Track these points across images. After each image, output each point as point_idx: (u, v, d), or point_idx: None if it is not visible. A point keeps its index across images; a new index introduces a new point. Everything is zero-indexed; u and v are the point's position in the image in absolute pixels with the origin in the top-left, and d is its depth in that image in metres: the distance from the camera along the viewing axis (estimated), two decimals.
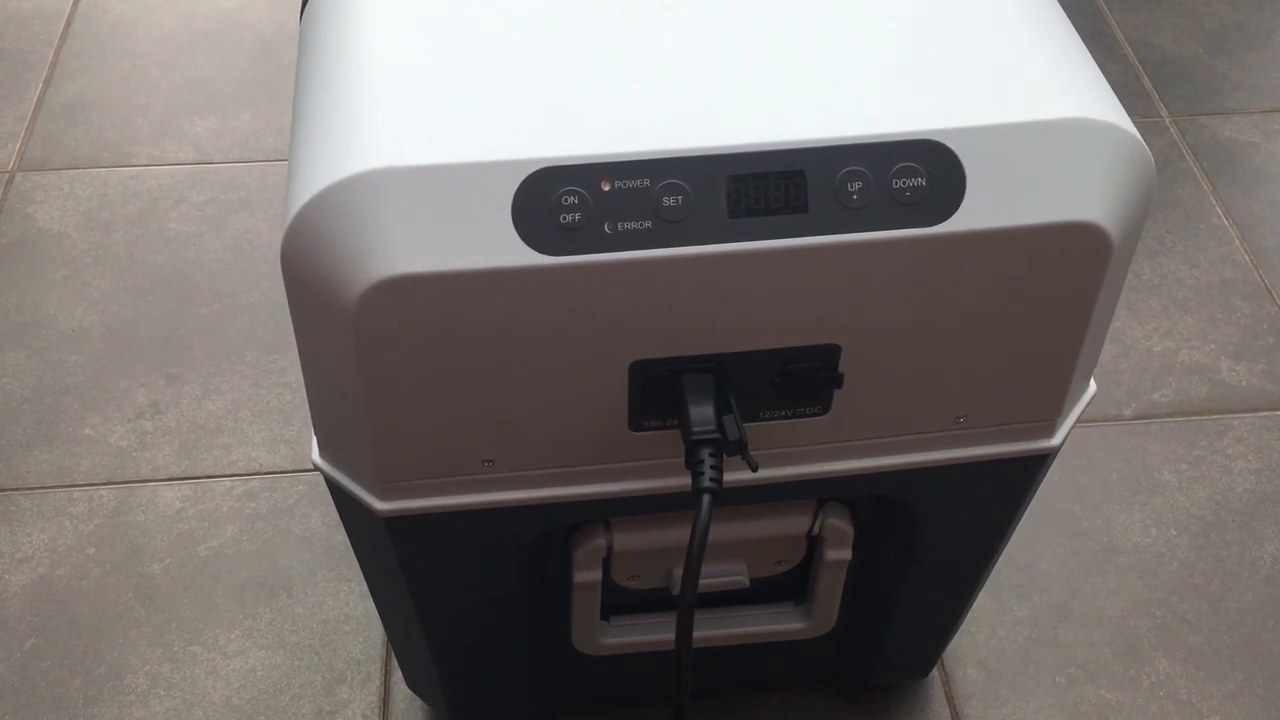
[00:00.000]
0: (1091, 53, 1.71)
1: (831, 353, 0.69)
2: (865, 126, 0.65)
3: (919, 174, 0.64)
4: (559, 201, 0.63)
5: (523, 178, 0.63)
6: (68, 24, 1.74)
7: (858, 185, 0.64)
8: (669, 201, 0.63)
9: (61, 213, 1.48)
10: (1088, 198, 0.65)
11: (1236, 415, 1.31)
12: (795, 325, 0.68)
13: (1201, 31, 1.78)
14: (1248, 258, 1.47)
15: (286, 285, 0.66)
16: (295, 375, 1.32)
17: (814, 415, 0.73)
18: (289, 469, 1.23)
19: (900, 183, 0.64)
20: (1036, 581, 1.16)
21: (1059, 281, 0.68)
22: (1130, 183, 0.67)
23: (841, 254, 0.65)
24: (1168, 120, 1.64)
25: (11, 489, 1.21)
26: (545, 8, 0.70)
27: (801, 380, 0.70)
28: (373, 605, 1.05)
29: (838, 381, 0.71)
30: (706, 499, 0.67)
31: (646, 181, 0.63)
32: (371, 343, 0.64)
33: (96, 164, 1.54)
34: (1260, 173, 1.57)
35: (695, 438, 0.67)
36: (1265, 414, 1.31)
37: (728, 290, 0.65)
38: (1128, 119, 0.68)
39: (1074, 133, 0.66)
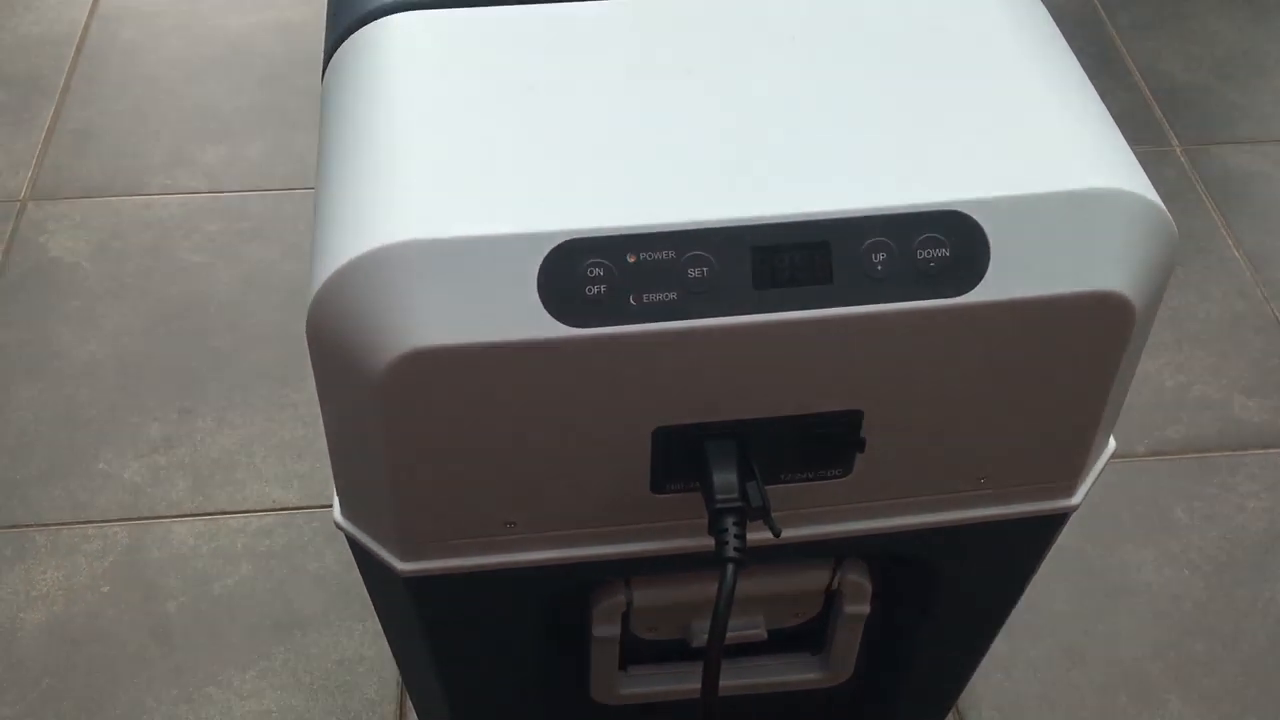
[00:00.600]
0: (1102, 80, 1.72)
1: (854, 418, 0.69)
2: (889, 197, 0.65)
3: (943, 244, 0.64)
4: (585, 273, 0.63)
5: (548, 250, 0.63)
6: (78, 49, 1.74)
7: (882, 256, 0.64)
8: (694, 273, 0.63)
9: (74, 242, 1.48)
10: (1111, 268, 0.66)
11: (1249, 452, 1.31)
12: (819, 391, 0.68)
13: (1211, 58, 1.78)
14: (1260, 290, 1.47)
15: (311, 352, 0.66)
16: (307, 409, 1.32)
17: (836, 477, 0.73)
18: (302, 505, 1.24)
19: (924, 253, 0.64)
20: (1050, 622, 1.16)
21: (1081, 349, 0.68)
22: (1153, 252, 0.67)
23: (866, 324, 0.65)
24: (1178, 150, 1.64)
25: (26, 525, 1.21)
26: (568, 73, 0.70)
27: (824, 444, 0.71)
28: (386, 646, 1.05)
29: (860, 446, 0.71)
30: (731, 568, 0.67)
31: (672, 253, 0.63)
32: (398, 412, 0.64)
33: (109, 193, 1.54)
34: (1271, 203, 1.57)
35: (719, 506, 0.67)
36: (1277, 451, 1.31)
37: (752, 359, 0.65)
38: (1150, 187, 0.68)
39: (1097, 203, 0.66)
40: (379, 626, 1.14)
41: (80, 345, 1.37)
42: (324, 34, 0.81)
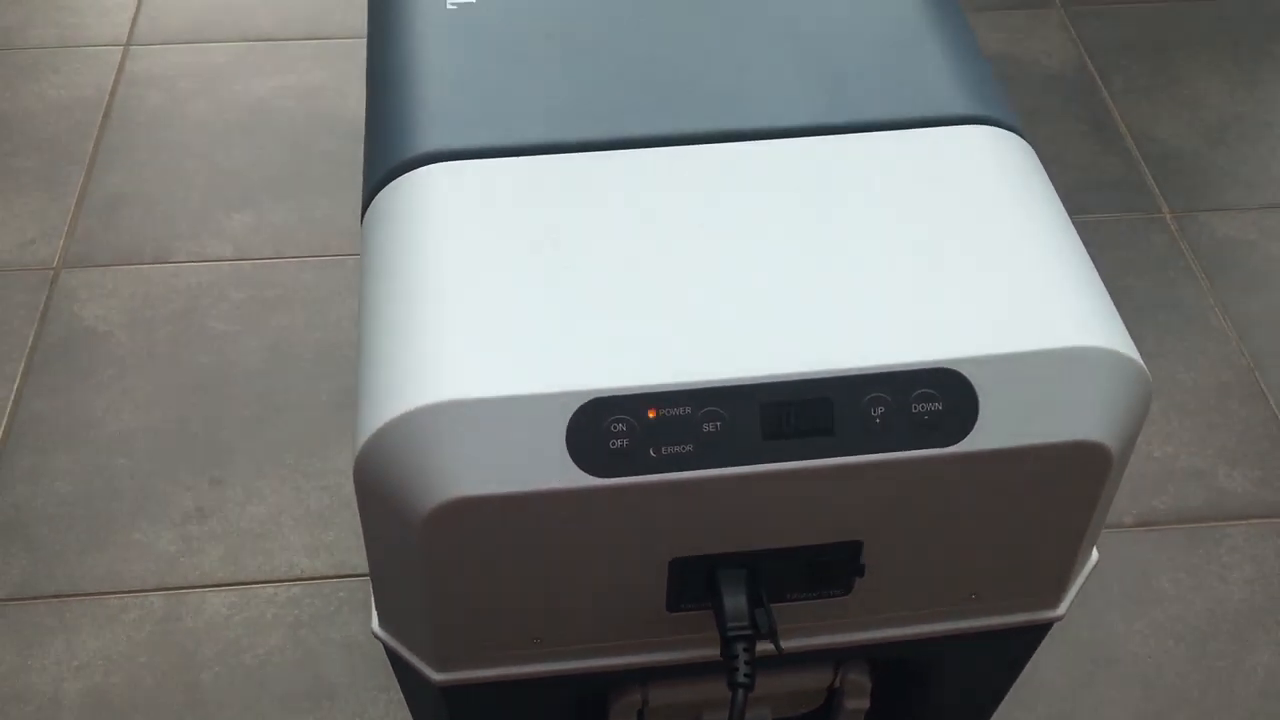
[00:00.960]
0: (1095, 146, 1.78)
1: (854, 548, 0.76)
2: (886, 355, 0.71)
3: (936, 399, 0.71)
4: (609, 429, 0.69)
5: (576, 408, 0.69)
6: (106, 114, 1.80)
7: (880, 410, 0.70)
8: (708, 427, 0.69)
9: (106, 311, 1.54)
10: (1091, 419, 0.72)
11: (1232, 523, 1.37)
12: (822, 526, 0.74)
13: (1201, 123, 1.84)
14: (1245, 360, 1.53)
15: (359, 496, 0.72)
16: (332, 478, 1.38)
17: (837, 596, 0.79)
18: (329, 575, 1.30)
19: (919, 407, 0.71)
20: (1039, 692, 1.22)
21: (1063, 490, 0.74)
22: (1129, 403, 0.73)
23: (865, 471, 0.71)
24: (1168, 217, 1.70)
25: (68, 595, 1.27)
26: (590, 228, 0.76)
27: (826, 570, 0.77)
28: (410, 715, 1.11)
29: (860, 571, 0.77)
30: (741, 692, 0.73)
31: (688, 409, 0.69)
32: (438, 553, 0.70)
33: (138, 260, 1.60)
34: (1257, 272, 1.63)
35: (730, 634, 0.74)
36: (1259, 521, 1.37)
37: (761, 501, 0.71)
38: (1128, 341, 0.74)
39: (1078, 359, 0.72)
40: (402, 696, 1.20)
41: (114, 415, 1.43)
42: (361, 177, 0.86)
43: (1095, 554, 0.87)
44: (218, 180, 1.71)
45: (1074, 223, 1.67)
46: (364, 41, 1.94)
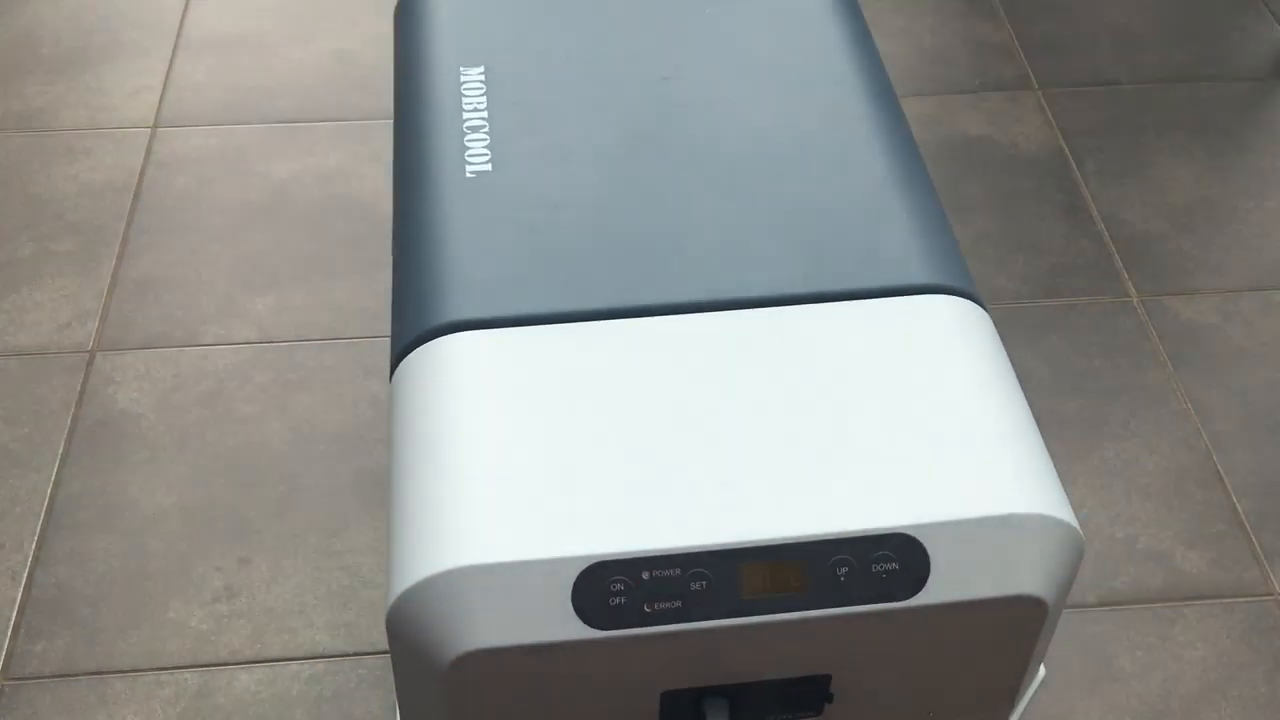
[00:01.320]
0: (1068, 229, 1.89)
1: (824, 679, 0.86)
2: (850, 522, 0.82)
3: (893, 560, 0.81)
4: (609, 588, 0.80)
5: (580, 570, 0.80)
6: (136, 196, 1.91)
7: (845, 570, 0.81)
8: (695, 586, 0.80)
9: (139, 394, 1.65)
10: (1028, 576, 0.82)
11: (1187, 604, 1.47)
12: (795, 664, 0.85)
13: (1169, 206, 1.94)
14: (1204, 443, 1.63)
15: (390, 643, 0.83)
16: (351, 559, 1.49)
17: (809, 717, 0.90)
18: (349, 652, 1.40)
19: (878, 567, 0.81)
20: None
21: (1006, 635, 0.85)
22: (1063, 560, 0.84)
23: (832, 622, 0.82)
24: (1135, 300, 1.81)
25: (108, 672, 1.38)
26: (594, 399, 0.87)
27: (800, 698, 0.87)
28: None
29: (829, 698, 0.88)
30: None
31: (677, 570, 0.80)
32: (459, 696, 0.81)
33: (169, 343, 1.71)
34: (1218, 356, 1.73)
35: None
36: (1211, 601, 1.48)
37: (743, 647, 0.82)
38: (1065, 503, 0.85)
39: (1019, 525, 0.82)
40: None
41: (148, 496, 1.54)
42: (389, 340, 0.96)
43: (1042, 670, 0.98)
44: (241, 263, 1.82)
45: (1048, 306, 1.78)
46: (379, 123, 2.04)
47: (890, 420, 0.87)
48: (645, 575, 0.80)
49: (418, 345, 0.92)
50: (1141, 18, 2.31)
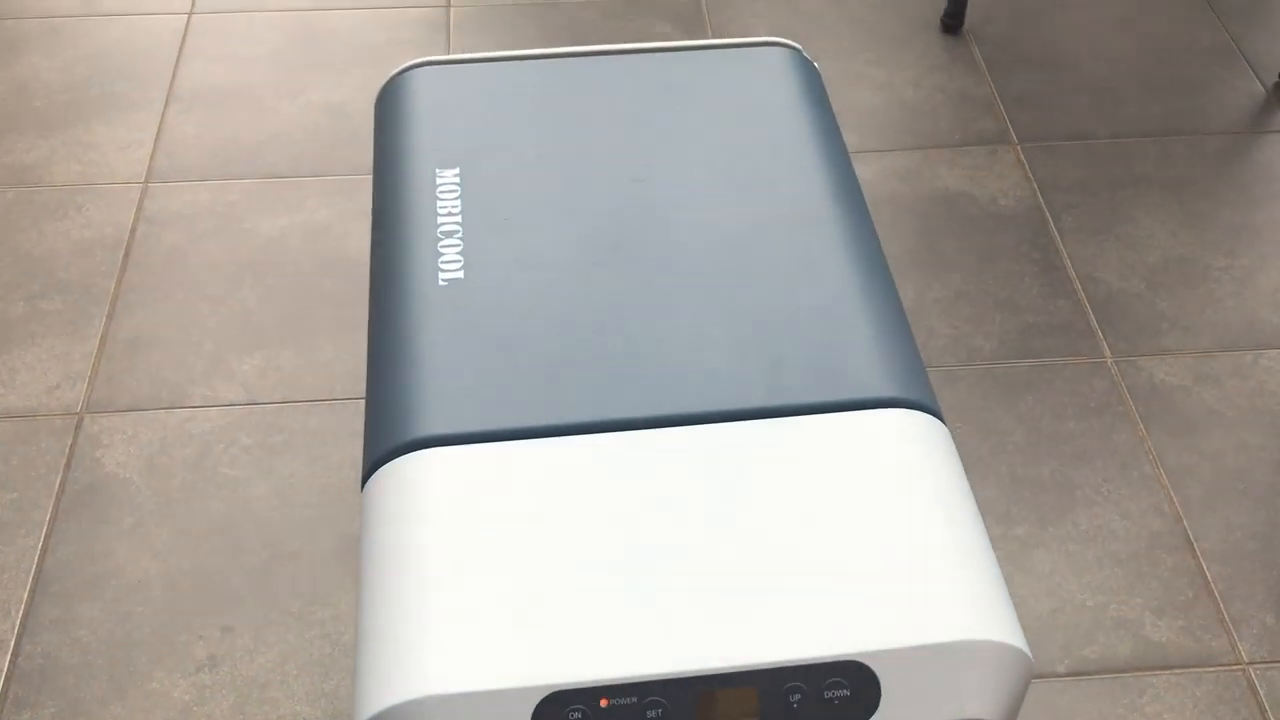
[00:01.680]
0: (1044, 288, 1.91)
1: None
2: (802, 650, 0.84)
3: (844, 686, 0.84)
4: (567, 716, 0.82)
5: (540, 699, 0.82)
6: (126, 253, 1.93)
7: (797, 697, 0.84)
8: (651, 714, 0.83)
9: (126, 457, 1.67)
10: (977, 700, 0.85)
11: (1154, 673, 1.50)
12: None
13: (1144, 265, 1.97)
14: (1175, 508, 1.66)
15: None
16: (333, 626, 1.51)
17: None
18: None
19: (830, 693, 0.84)
20: None
21: None
22: (1011, 683, 0.86)
23: None
24: (1109, 361, 1.83)
25: None
26: (553, 519, 0.90)
27: None
28: None
29: None
30: None
31: (634, 699, 0.83)
32: None
33: (156, 405, 1.73)
34: (1189, 418, 1.76)
35: None
36: (1179, 671, 1.50)
37: None
38: (1016, 629, 0.88)
39: (967, 650, 0.85)
40: None
41: (134, 563, 1.56)
42: (362, 456, 0.98)
43: None
44: (229, 322, 1.84)
45: (1023, 367, 1.81)
46: (368, 179, 2.07)
47: (844, 543, 0.89)
48: (603, 703, 0.82)
49: (387, 460, 0.95)
50: (1120, 71, 2.33)
